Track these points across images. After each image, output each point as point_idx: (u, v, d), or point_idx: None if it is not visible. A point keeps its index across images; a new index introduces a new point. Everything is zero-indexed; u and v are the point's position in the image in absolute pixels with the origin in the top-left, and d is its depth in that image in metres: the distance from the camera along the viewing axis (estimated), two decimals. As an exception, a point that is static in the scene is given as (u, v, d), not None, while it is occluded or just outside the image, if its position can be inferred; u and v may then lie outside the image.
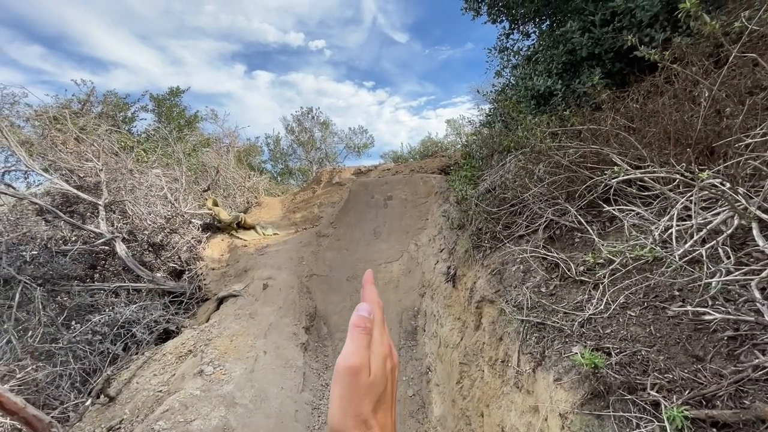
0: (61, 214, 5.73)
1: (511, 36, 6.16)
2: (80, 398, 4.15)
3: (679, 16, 1.80)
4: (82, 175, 6.45)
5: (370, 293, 0.54)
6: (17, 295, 4.81)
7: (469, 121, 11.37)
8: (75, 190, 6.05)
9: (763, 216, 1.59)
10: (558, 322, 2.38)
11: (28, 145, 6.48)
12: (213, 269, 6.96)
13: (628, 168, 2.20)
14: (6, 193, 5.57)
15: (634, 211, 2.48)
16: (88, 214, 6.49)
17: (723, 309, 1.67)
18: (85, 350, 4.64)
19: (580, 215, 3.08)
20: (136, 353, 4.89)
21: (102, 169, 6.49)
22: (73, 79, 10.72)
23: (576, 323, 2.27)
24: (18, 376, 3.59)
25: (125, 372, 4.44)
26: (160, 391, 3.95)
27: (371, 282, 0.56)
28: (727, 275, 1.65)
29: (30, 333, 4.49)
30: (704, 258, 1.84)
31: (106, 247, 6.13)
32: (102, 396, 3.94)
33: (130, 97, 11.94)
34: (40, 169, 6.02)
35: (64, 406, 3.92)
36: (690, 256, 1.94)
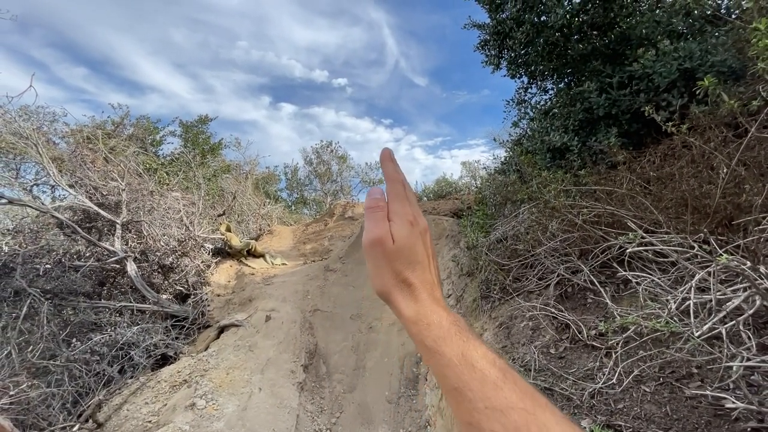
0: (80, 230, 5.87)
1: (529, 90, 6.35)
2: (69, 421, 4.04)
3: (698, 92, 1.83)
4: (105, 193, 6.66)
5: (388, 170, 0.54)
6: (25, 308, 4.85)
7: (484, 167, 11.48)
8: (96, 208, 6.23)
9: (787, 300, 1.53)
10: (567, 390, 2.26)
11: (59, 161, 6.78)
12: (218, 295, 6.94)
13: (644, 235, 2.16)
14: (31, 206, 5.77)
15: (649, 277, 2.40)
16: (105, 230, 6.65)
17: (745, 397, 1.57)
18: (81, 370, 4.57)
19: (593, 275, 3.00)
20: (132, 377, 4.79)
21: (125, 189, 6.70)
22: (111, 103, 11.38)
23: (586, 393, 2.15)
24: (11, 393, 3.54)
25: (117, 397, 4.34)
26: (149, 421, 3.82)
27: (389, 159, 0.54)
28: (748, 361, 1.56)
29: (30, 347, 4.47)
30: (724, 337, 1.75)
31: (117, 266, 6.21)
32: (90, 421, 3.84)
33: (161, 122, 12.57)
34: (66, 185, 6.25)
35: (52, 428, 3.82)
36: (709, 334, 1.85)
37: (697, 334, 1.63)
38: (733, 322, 1.77)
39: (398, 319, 0.49)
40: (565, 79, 5.73)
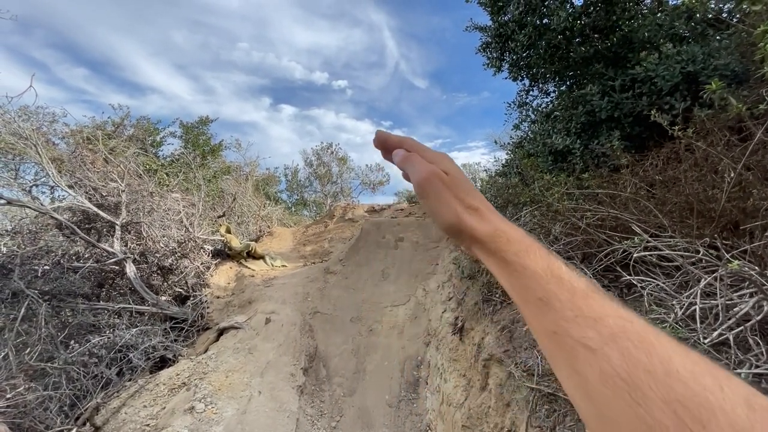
0: (79, 231, 5.84)
1: (531, 92, 6.34)
2: (66, 424, 4.00)
3: (703, 96, 1.82)
4: (104, 194, 6.64)
5: (394, 137, 0.55)
6: (23, 309, 4.81)
7: (485, 169, 11.47)
8: (95, 209, 6.21)
9: (796, 306, 1.50)
10: (571, 396, 2.23)
11: (59, 162, 6.76)
12: (218, 297, 6.91)
13: (648, 239, 2.14)
14: (30, 207, 5.74)
15: (654, 282, 2.38)
16: (105, 231, 6.62)
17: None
18: (79, 372, 4.54)
19: (596, 279, 2.97)
20: (130, 379, 4.76)
21: (124, 190, 6.68)
22: (111, 104, 11.39)
23: (590, 399, 2.12)
24: (8, 396, 3.51)
25: (115, 400, 4.30)
26: (147, 425, 3.79)
27: (386, 132, 0.56)
28: (756, 368, 1.53)
29: (28, 349, 4.43)
30: (732, 344, 1.72)
31: (116, 267, 6.18)
32: (88, 425, 3.80)
33: (161, 123, 12.58)
34: (66, 186, 6.23)
35: (49, 431, 3.78)
36: (717, 340, 1.83)
37: (706, 342, 1.61)
38: (740, 328, 1.74)
39: (471, 244, 0.48)
40: (567, 82, 5.72)
